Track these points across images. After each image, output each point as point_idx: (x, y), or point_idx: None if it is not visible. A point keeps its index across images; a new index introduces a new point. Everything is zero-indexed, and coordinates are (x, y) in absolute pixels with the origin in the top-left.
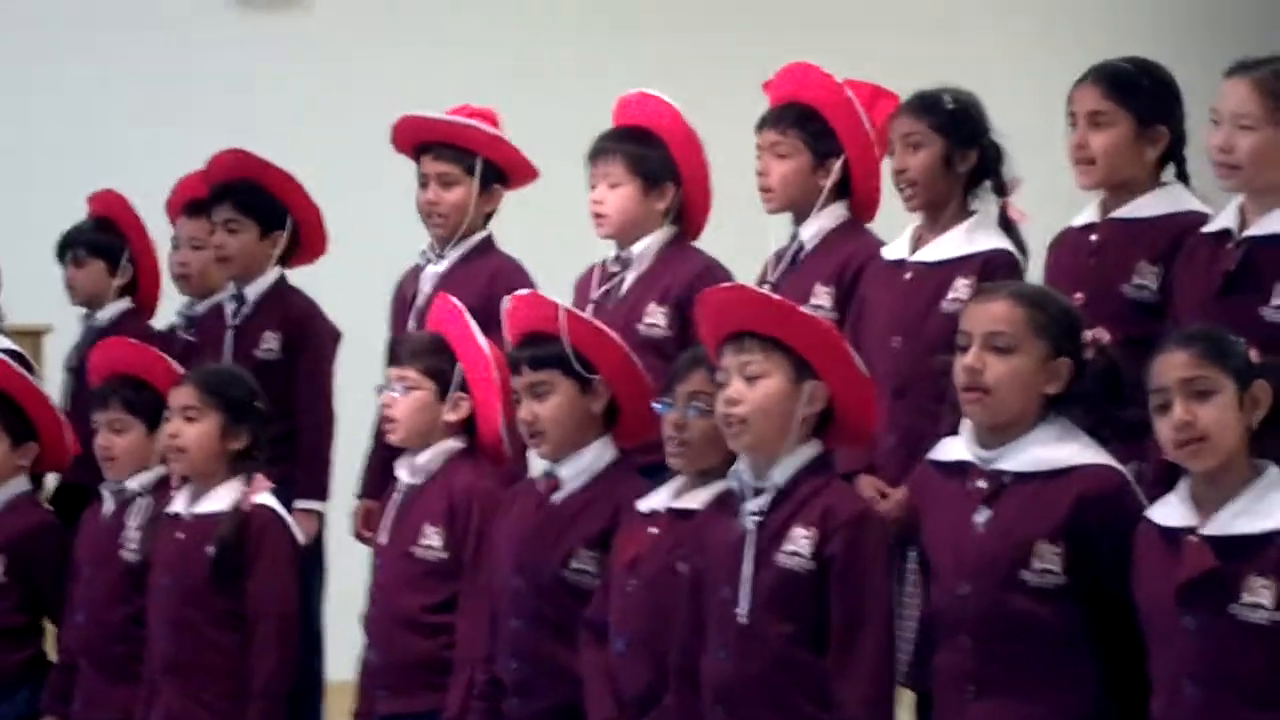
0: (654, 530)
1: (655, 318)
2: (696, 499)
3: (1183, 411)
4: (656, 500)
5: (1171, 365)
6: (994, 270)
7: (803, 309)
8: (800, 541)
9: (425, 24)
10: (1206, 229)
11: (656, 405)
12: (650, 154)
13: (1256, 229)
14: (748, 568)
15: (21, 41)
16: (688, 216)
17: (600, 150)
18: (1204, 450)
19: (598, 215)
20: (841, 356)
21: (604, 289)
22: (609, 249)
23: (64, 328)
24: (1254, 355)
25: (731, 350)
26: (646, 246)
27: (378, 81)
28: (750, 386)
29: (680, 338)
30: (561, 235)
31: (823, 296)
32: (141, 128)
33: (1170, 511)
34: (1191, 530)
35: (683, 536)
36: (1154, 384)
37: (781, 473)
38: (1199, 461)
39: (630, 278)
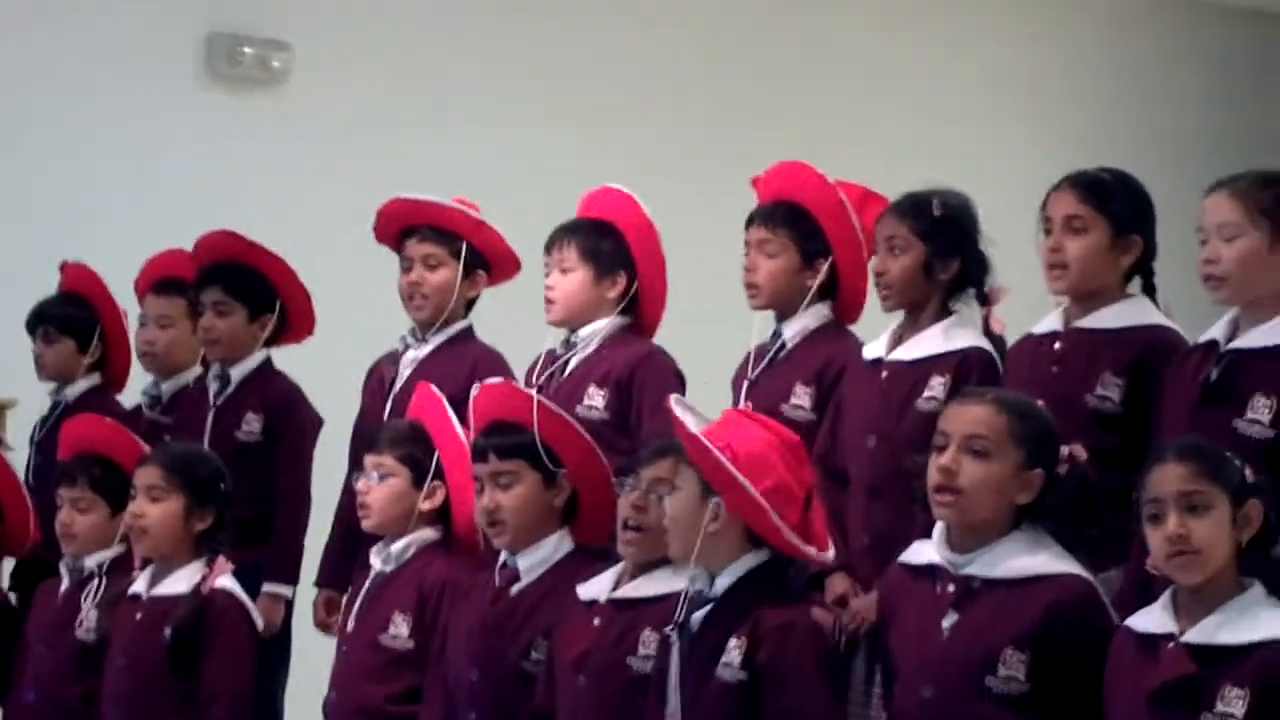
0: (598, 621)
1: (594, 399)
2: (638, 588)
3: (1177, 524)
4: (597, 588)
5: (1169, 478)
6: (969, 368)
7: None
8: (732, 653)
9: (405, 105)
10: (1201, 339)
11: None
12: (604, 243)
13: (1241, 341)
14: (673, 679)
15: None
16: (642, 308)
17: (555, 238)
18: (1194, 564)
19: (548, 301)
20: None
21: (549, 373)
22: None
23: (27, 401)
24: (1249, 474)
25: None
26: (593, 331)
27: (352, 161)
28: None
29: (618, 421)
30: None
31: (802, 396)
32: (109, 201)
33: (1150, 619)
34: (1171, 637)
35: (627, 628)
36: (1149, 494)
37: (722, 583)
38: (1187, 575)
39: (574, 361)
